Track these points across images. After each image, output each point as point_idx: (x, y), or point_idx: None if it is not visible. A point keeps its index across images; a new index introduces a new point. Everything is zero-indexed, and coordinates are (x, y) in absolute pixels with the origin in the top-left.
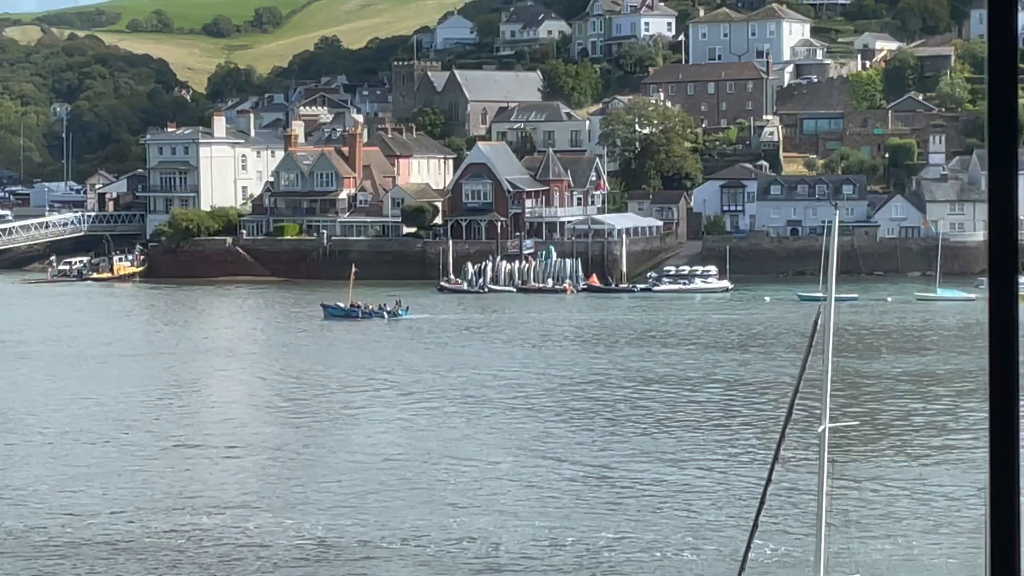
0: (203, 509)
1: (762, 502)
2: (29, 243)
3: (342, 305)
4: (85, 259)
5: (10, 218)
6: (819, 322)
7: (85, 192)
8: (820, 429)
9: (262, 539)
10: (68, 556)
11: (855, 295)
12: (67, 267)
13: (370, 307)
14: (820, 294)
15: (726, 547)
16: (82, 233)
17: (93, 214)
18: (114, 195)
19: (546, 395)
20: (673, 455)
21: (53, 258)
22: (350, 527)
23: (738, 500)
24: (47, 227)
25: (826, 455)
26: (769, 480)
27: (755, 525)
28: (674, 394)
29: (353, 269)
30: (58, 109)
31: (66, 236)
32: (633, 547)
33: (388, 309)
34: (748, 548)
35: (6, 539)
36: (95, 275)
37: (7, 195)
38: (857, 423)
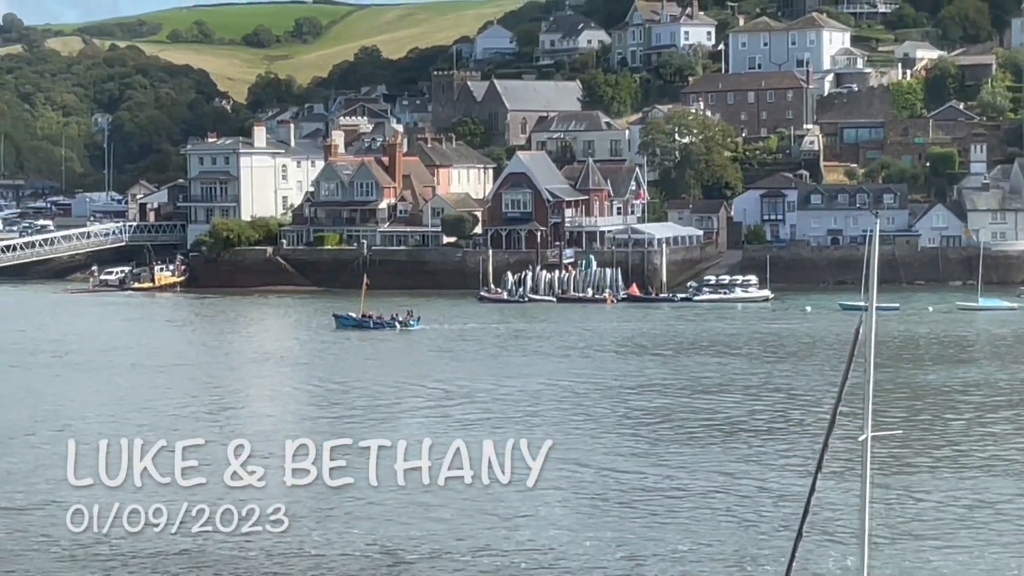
0: (265, 519)
1: (806, 511)
2: (71, 253)
3: (354, 315)
4: (126, 269)
5: (52, 228)
6: (860, 331)
7: (126, 202)
8: (861, 438)
9: (322, 550)
10: (127, 565)
11: (896, 304)
12: (108, 277)
13: (382, 317)
14: (861, 303)
15: (808, 558)
16: (123, 243)
17: (134, 224)
18: (155, 205)
19: (598, 404)
20: (738, 463)
21: (94, 268)
22: (411, 537)
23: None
24: (88, 237)
25: (868, 465)
26: (812, 489)
27: (799, 534)
28: (729, 403)
29: (365, 279)
30: (99, 119)
31: (107, 246)
32: (713, 558)
33: (400, 319)
34: (792, 559)
35: (76, 549)
36: (136, 285)
37: (49, 205)
38: (900, 432)
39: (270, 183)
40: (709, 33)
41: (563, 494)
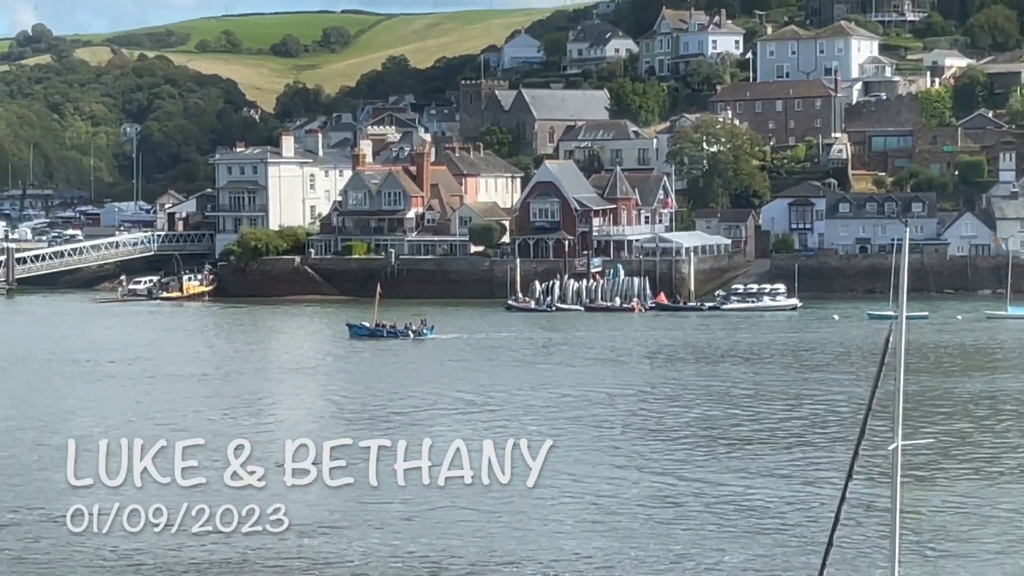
0: (307, 531)
1: (836, 520)
2: (99, 263)
3: (367, 324)
4: (155, 278)
5: (81, 238)
6: (890, 340)
7: (155, 212)
8: (891, 447)
9: (368, 561)
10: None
11: (925, 313)
12: (137, 287)
13: (395, 326)
14: (890, 312)
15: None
16: (152, 253)
17: (163, 234)
18: (183, 215)
19: (635, 413)
20: (783, 473)
21: (123, 277)
22: (454, 548)
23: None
24: (117, 247)
25: (899, 473)
26: (843, 499)
27: (830, 543)
28: (764, 412)
29: (379, 289)
30: (128, 129)
31: (136, 256)
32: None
33: (413, 328)
34: (823, 568)
35: (116, 561)
36: (164, 295)
37: (78, 215)
38: (931, 440)
39: (298, 193)
40: (737, 42)
41: (606, 503)
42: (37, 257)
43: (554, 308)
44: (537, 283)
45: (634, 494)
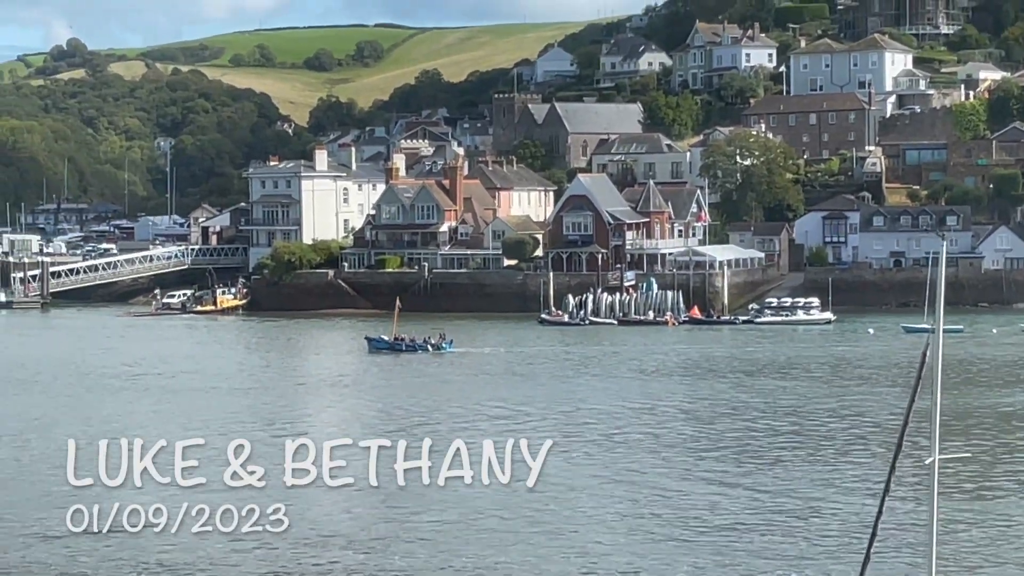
0: (348, 545)
1: (873, 535)
2: (133, 276)
3: (386, 338)
4: (188, 292)
5: (115, 251)
6: (927, 353)
7: (189, 225)
8: (928, 461)
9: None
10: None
11: (960, 326)
12: (171, 300)
13: (414, 340)
14: (925, 326)
15: None
16: (186, 266)
17: (196, 247)
18: (217, 228)
19: (682, 428)
20: (822, 485)
21: (157, 291)
22: (497, 565)
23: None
24: (151, 260)
25: (936, 487)
26: (880, 512)
27: (867, 558)
28: (805, 425)
29: (398, 303)
30: (162, 143)
31: (170, 269)
32: None
33: (432, 342)
34: None
35: (159, 571)
36: (198, 308)
37: (112, 229)
38: (969, 455)
39: (331, 206)
40: (770, 55)
41: (654, 519)
42: (72, 271)
43: (587, 322)
44: (570, 297)
45: (682, 506)
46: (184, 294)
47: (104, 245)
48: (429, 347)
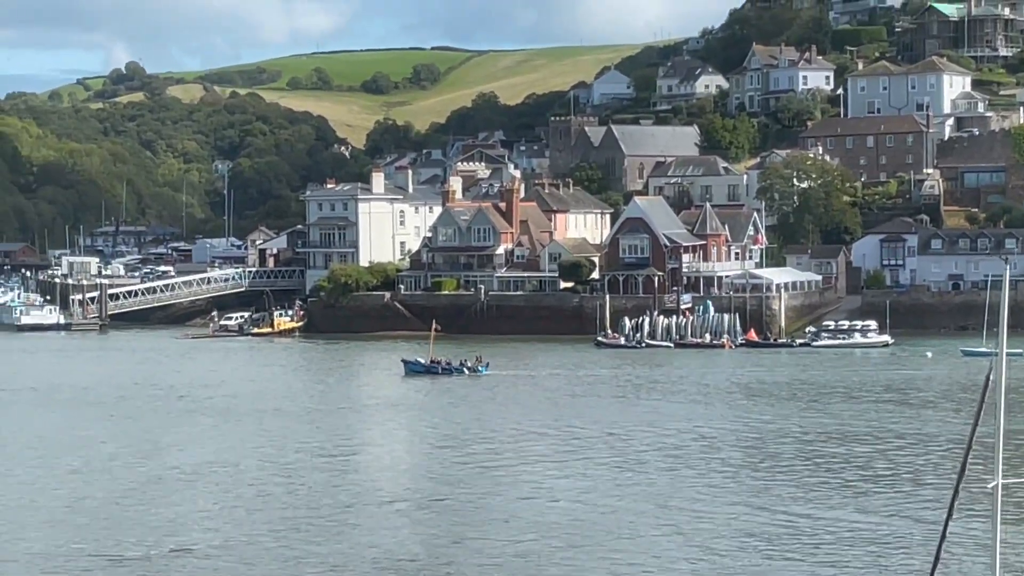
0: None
1: (937, 559)
2: (191, 298)
3: (422, 361)
4: (246, 314)
5: (172, 274)
6: (991, 377)
7: (246, 248)
8: (991, 485)
9: None
10: None
11: (1020, 350)
12: (228, 322)
13: (450, 363)
14: (984, 349)
15: None
16: (243, 288)
17: (254, 270)
18: (274, 251)
19: (749, 452)
20: (888, 510)
21: (214, 313)
22: None
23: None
24: (209, 283)
25: (999, 512)
26: (943, 536)
27: None
28: (871, 450)
29: (434, 325)
30: (219, 166)
31: (227, 291)
32: None
33: (468, 365)
34: None
35: None
36: (255, 330)
37: (170, 251)
38: None
39: (388, 229)
40: (828, 77)
41: (728, 539)
42: (129, 293)
43: (644, 344)
44: (627, 319)
45: (752, 529)
46: (241, 316)
47: (162, 267)
48: (465, 370)
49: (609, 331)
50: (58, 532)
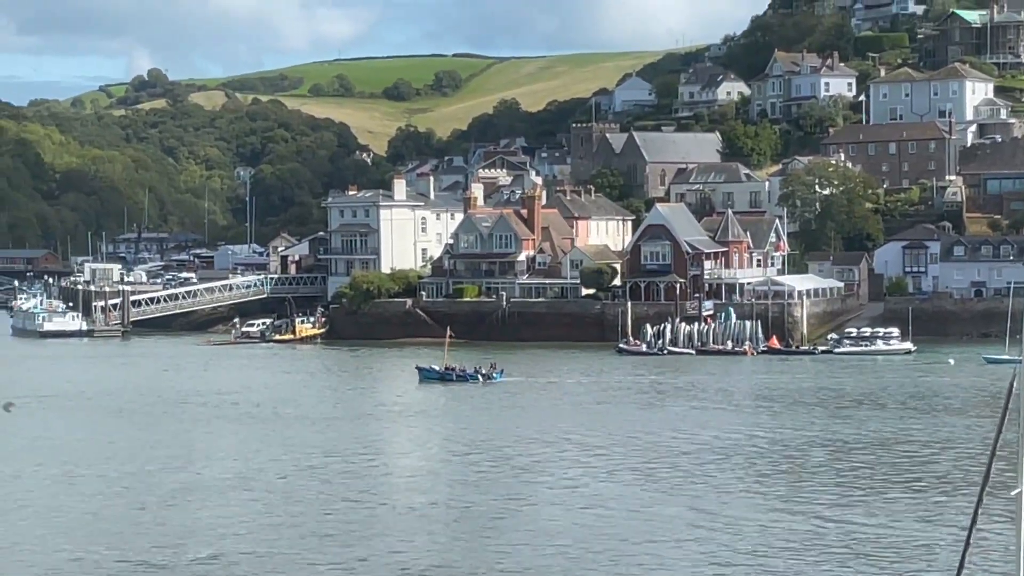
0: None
1: (961, 565)
2: (213, 305)
3: (436, 368)
4: (268, 321)
5: (194, 280)
6: (1014, 384)
7: (268, 254)
8: (1014, 492)
9: None
10: None
11: None
12: (250, 329)
13: (465, 370)
14: (1007, 356)
15: None
16: (265, 295)
17: (276, 276)
18: (296, 257)
19: (777, 460)
20: (913, 516)
21: (236, 320)
22: None
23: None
24: (231, 289)
25: (1023, 519)
26: (968, 544)
27: None
28: (893, 456)
29: (449, 332)
30: (241, 173)
31: (249, 298)
32: None
33: (483, 372)
34: None
35: None
36: (277, 337)
37: (192, 258)
38: None
39: (410, 235)
40: (850, 84)
41: (754, 545)
42: (152, 300)
43: (665, 351)
44: (648, 326)
45: (783, 535)
46: (263, 323)
47: (184, 274)
48: (480, 377)
49: (631, 338)
50: (84, 538)
